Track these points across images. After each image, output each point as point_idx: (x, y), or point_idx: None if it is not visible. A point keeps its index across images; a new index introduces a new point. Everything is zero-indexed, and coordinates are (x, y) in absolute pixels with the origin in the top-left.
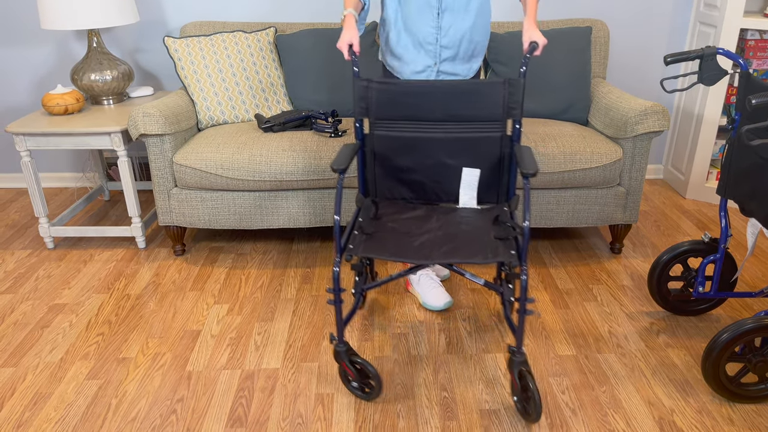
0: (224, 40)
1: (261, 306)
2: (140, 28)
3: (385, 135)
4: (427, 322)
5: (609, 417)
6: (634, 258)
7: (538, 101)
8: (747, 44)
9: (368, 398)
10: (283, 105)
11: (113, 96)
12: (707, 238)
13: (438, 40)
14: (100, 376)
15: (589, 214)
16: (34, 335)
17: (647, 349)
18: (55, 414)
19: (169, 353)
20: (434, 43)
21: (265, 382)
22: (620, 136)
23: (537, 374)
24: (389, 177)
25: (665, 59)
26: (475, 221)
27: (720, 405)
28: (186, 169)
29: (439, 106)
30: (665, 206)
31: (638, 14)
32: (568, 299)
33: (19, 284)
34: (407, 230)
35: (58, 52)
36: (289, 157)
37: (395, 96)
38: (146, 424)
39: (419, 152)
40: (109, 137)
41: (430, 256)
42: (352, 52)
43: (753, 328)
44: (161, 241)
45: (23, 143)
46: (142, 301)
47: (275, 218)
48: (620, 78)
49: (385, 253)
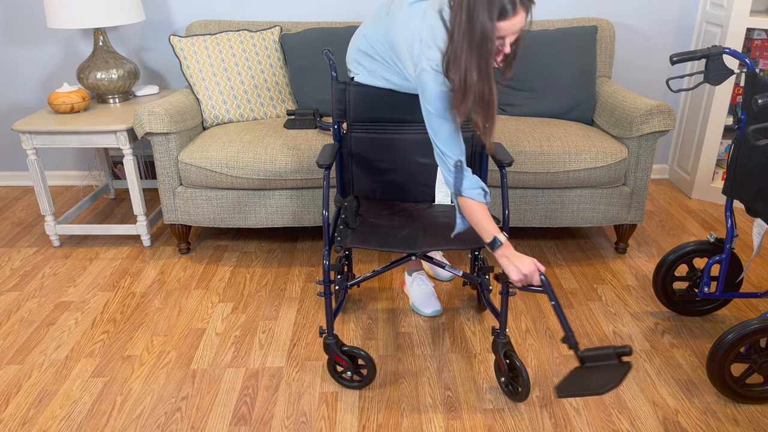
0: (229, 39)
1: (265, 304)
2: (146, 27)
3: (362, 136)
4: (431, 322)
5: (613, 417)
6: (639, 258)
7: (543, 101)
8: (753, 44)
9: (364, 385)
10: (288, 104)
11: (119, 94)
12: (713, 238)
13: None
14: (105, 374)
15: (593, 214)
16: (40, 333)
17: (652, 349)
18: (60, 411)
19: (174, 351)
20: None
21: (269, 381)
22: (625, 136)
23: (541, 374)
24: (367, 177)
25: (671, 59)
26: (452, 214)
27: (725, 405)
28: (191, 168)
29: (413, 108)
30: (670, 206)
31: (644, 13)
32: (572, 299)
33: (25, 282)
34: (389, 224)
35: (65, 50)
36: (294, 156)
37: (372, 98)
38: (151, 421)
39: (395, 152)
40: (115, 136)
41: (415, 246)
42: (327, 51)
43: (758, 328)
44: (166, 240)
45: (29, 141)
46: (147, 299)
47: (280, 217)
48: (626, 77)
49: (371, 244)
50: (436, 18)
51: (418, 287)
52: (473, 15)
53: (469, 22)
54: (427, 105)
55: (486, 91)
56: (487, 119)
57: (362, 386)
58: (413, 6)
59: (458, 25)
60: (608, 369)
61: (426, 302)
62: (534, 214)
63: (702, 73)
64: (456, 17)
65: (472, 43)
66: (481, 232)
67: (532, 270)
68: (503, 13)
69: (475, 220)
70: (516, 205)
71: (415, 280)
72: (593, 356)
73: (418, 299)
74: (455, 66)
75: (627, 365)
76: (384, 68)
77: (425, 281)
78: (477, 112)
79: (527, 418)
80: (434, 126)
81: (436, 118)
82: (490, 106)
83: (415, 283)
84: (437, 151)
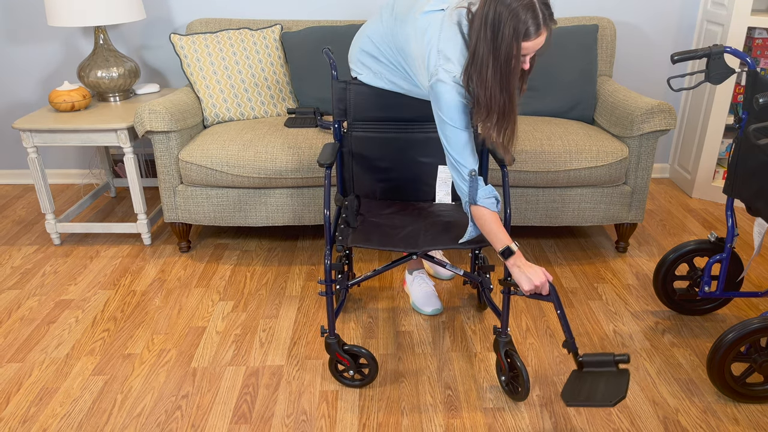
0: (230, 37)
1: (266, 303)
2: (147, 25)
3: (363, 135)
4: (432, 321)
5: (613, 416)
6: (640, 257)
7: (544, 99)
8: (754, 43)
9: (365, 383)
10: (289, 102)
11: (119, 93)
12: (713, 237)
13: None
14: (106, 372)
15: (594, 213)
16: (41, 331)
17: (652, 348)
18: (60, 409)
19: (175, 349)
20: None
21: (269, 379)
22: (626, 135)
23: (542, 373)
24: (367, 176)
25: (672, 58)
26: (452, 213)
27: (725, 405)
28: (191, 166)
29: (413, 107)
30: (671, 205)
31: (645, 12)
32: (572, 298)
33: (26, 280)
34: (390, 223)
35: (65, 48)
36: (295, 155)
37: (372, 97)
38: (151, 419)
39: (396, 151)
40: (116, 134)
41: (416, 245)
42: (327, 50)
43: (759, 328)
44: (167, 238)
45: (30, 139)
46: (148, 297)
47: (280, 215)
48: (627, 76)
49: (373, 243)
50: (454, 31)
51: (418, 286)
52: (498, 33)
53: (494, 40)
54: (442, 115)
55: (508, 108)
56: (508, 134)
57: (363, 385)
58: (428, 15)
59: (482, 42)
60: (609, 377)
61: (426, 301)
62: (535, 213)
63: (703, 72)
64: (479, 33)
65: (496, 61)
66: (494, 240)
67: (543, 281)
68: (527, 35)
69: (487, 229)
70: (517, 203)
71: (415, 279)
72: (592, 362)
73: (419, 298)
74: (479, 82)
75: (625, 373)
76: (391, 72)
77: (426, 280)
78: (499, 127)
79: (527, 417)
80: (449, 136)
81: (452, 128)
82: (511, 121)
83: (416, 282)
84: (451, 160)
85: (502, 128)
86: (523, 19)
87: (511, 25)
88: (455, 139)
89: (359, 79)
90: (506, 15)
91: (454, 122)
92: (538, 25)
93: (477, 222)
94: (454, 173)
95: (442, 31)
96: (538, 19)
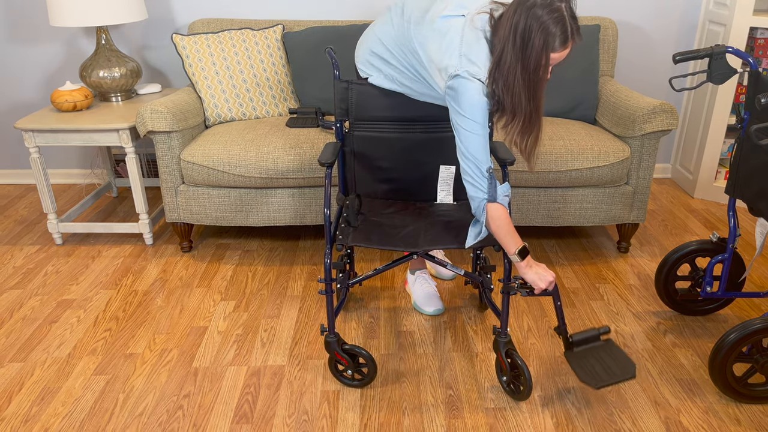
0: (232, 37)
1: (267, 303)
2: (148, 25)
3: (364, 135)
4: (433, 321)
5: (615, 416)
6: (642, 257)
7: (546, 100)
8: (756, 43)
9: (365, 383)
10: (290, 102)
11: (121, 93)
12: (715, 237)
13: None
14: (108, 372)
15: (596, 213)
16: (43, 330)
17: (654, 348)
18: (62, 409)
19: (176, 349)
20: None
21: (271, 379)
22: (628, 135)
23: (543, 373)
24: (369, 176)
25: (674, 58)
26: (453, 213)
27: (726, 405)
28: (193, 166)
29: (416, 107)
30: (673, 205)
31: (647, 12)
32: (574, 298)
33: (28, 280)
34: (391, 223)
35: (67, 49)
36: (296, 155)
37: (374, 97)
38: (153, 419)
39: (397, 151)
40: (117, 134)
41: (417, 244)
42: (330, 50)
43: (760, 328)
44: (168, 238)
45: (32, 139)
46: (150, 297)
47: (282, 215)
48: (628, 76)
49: (373, 242)
50: (478, 35)
51: (420, 286)
52: (529, 43)
53: (524, 49)
54: (463, 112)
55: (534, 115)
56: (531, 141)
57: (363, 385)
58: (448, 20)
59: (509, 49)
60: (601, 352)
61: (428, 301)
62: (536, 213)
63: (705, 72)
64: (506, 40)
65: (525, 69)
66: (509, 240)
67: (553, 278)
68: (556, 47)
69: (505, 229)
70: (518, 203)
71: (417, 278)
72: (581, 340)
73: (420, 298)
74: (506, 88)
75: (611, 342)
76: (402, 74)
77: (428, 280)
78: (523, 133)
79: (529, 417)
80: (468, 134)
81: (473, 124)
82: (536, 128)
83: (418, 282)
84: (470, 159)
85: (526, 134)
86: (553, 31)
87: (542, 37)
88: (474, 138)
89: (369, 80)
90: (536, 26)
91: (476, 118)
92: (566, 38)
93: (493, 221)
94: (470, 171)
95: (464, 35)
96: (566, 32)
